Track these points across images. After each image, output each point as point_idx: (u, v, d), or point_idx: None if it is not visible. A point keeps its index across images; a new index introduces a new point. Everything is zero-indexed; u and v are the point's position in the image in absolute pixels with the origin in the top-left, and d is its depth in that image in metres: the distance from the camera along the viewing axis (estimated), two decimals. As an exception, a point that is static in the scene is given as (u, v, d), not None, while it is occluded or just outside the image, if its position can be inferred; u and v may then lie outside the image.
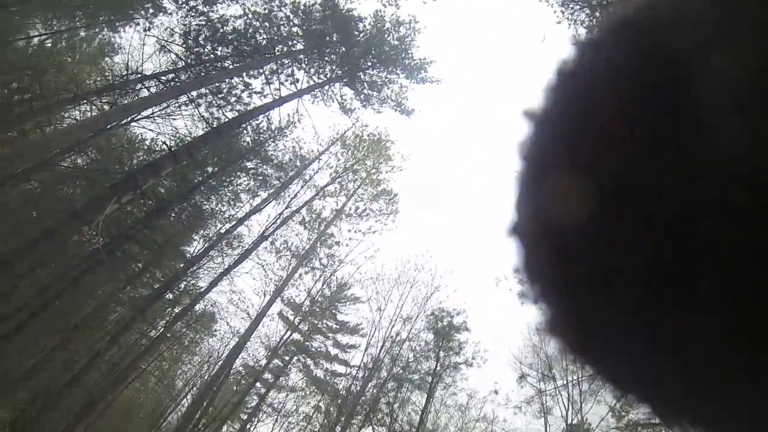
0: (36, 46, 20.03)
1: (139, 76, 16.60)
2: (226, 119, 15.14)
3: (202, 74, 14.96)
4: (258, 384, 28.14)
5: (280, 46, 18.46)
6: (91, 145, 18.49)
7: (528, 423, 33.39)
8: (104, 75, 19.33)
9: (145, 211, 19.48)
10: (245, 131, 19.94)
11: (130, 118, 17.78)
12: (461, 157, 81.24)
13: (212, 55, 17.31)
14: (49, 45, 20.64)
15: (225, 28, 17.58)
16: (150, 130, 20.91)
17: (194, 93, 16.24)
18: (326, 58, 19.49)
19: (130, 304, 21.36)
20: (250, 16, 17.87)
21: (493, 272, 53.51)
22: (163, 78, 15.94)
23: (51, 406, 14.55)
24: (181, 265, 21.33)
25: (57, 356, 17.70)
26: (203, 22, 17.32)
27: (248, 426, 28.43)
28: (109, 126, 16.67)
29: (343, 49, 19.27)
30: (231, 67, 17.26)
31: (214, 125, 14.69)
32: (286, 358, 28.99)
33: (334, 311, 28.94)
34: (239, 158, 20.33)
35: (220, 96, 17.24)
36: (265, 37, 18.10)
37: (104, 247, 16.32)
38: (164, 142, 15.87)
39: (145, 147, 21.09)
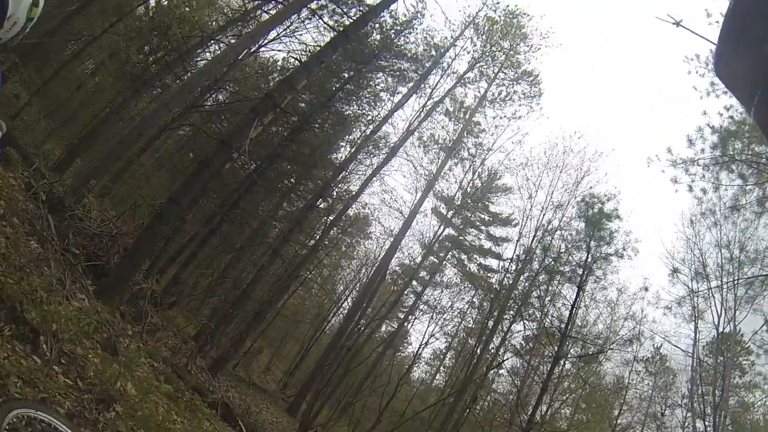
0: (154, 8, 20.90)
1: (258, 2, 16.66)
2: (351, 20, 14.70)
3: (319, -18, 14.61)
4: (414, 282, 28.99)
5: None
6: (227, 80, 19.26)
7: (677, 326, 31.24)
8: (223, 13, 19.82)
9: (289, 127, 20.08)
10: (373, 31, 19.37)
11: (257, 45, 18.10)
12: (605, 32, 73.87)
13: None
14: (166, 2, 21.39)
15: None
16: (279, 51, 21.22)
17: (314, 5, 15.89)
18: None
19: (288, 218, 22.55)
20: None
21: (643, 155, 49.46)
22: (281, -1, 15.81)
23: (226, 319, 16.02)
24: (331, 173, 21.80)
25: (228, 274, 19.43)
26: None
27: (405, 323, 29.67)
28: (240, 57, 17.12)
29: None
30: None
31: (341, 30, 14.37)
32: (441, 254, 29.46)
33: (486, 202, 28.48)
34: (372, 58, 19.88)
35: (340, 2, 16.77)
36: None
37: (256, 170, 17.17)
38: (295, 58, 16.05)
39: (278, 68, 21.49)
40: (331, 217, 23.67)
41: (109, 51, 20.45)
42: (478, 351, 22.30)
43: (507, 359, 22.43)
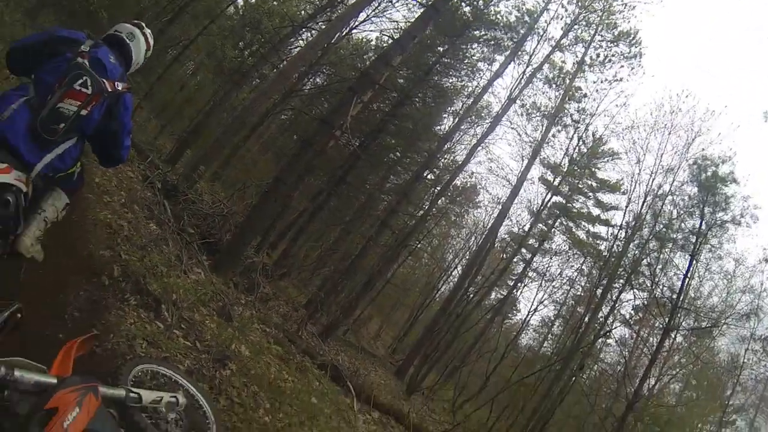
0: (243, 6, 22.21)
1: (345, -13, 17.16)
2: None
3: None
4: (523, 250, 28.73)
5: None
6: (323, 63, 19.95)
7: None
8: (310, 1, 20.46)
9: (390, 103, 20.54)
10: (461, 3, 19.21)
11: (348, 28, 18.61)
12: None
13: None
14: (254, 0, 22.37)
15: None
16: (371, 31, 21.63)
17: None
18: None
19: (395, 190, 23.12)
20: None
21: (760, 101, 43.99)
22: (367, -19, 16.08)
23: (336, 288, 16.78)
24: (435, 144, 22.06)
25: (338, 246, 20.28)
26: None
27: (514, 291, 29.54)
28: (333, 40, 17.70)
29: None
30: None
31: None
32: (549, 221, 28.91)
33: (592, 168, 27.55)
34: (464, 29, 19.74)
35: (424, -22, 16.78)
36: None
37: (360, 146, 17.76)
38: (388, 36, 16.39)
39: (373, 47, 21.99)
40: (438, 188, 24.00)
41: (206, 51, 21.93)
42: (587, 319, 21.75)
43: (615, 328, 21.71)
